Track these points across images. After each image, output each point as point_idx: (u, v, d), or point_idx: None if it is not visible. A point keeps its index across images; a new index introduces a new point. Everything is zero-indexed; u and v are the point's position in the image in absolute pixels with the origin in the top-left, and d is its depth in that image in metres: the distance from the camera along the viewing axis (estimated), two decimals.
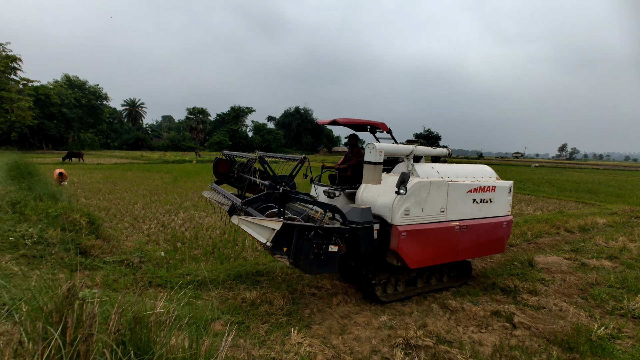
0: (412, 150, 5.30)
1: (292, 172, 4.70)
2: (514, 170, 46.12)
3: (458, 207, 5.28)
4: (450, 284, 5.80)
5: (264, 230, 4.03)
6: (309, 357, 3.54)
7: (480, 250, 5.75)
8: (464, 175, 5.55)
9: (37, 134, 44.06)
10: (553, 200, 17.36)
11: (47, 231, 4.60)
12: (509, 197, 5.94)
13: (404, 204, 4.74)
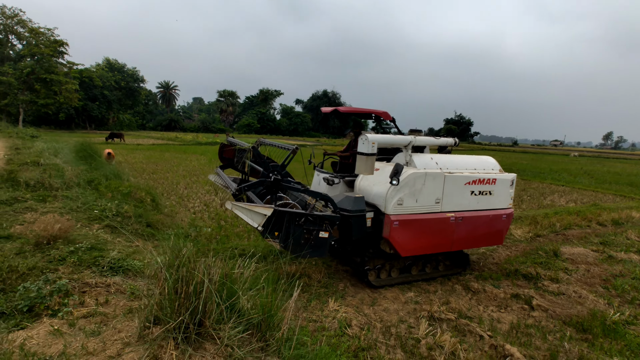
0: (411, 140, 5.29)
1: (284, 161, 5.10)
2: (549, 160, 44.29)
3: (454, 198, 5.30)
4: (445, 273, 5.94)
5: (256, 216, 4.26)
6: (345, 321, 4.13)
7: (477, 242, 5.86)
8: (464, 166, 5.54)
9: (81, 115, 46.99)
10: (589, 192, 16.90)
11: (122, 206, 5.42)
12: (510, 190, 5.90)
13: (398, 194, 4.84)
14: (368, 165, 4.76)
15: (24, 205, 4.87)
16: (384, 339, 3.95)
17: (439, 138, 5.95)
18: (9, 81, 33.13)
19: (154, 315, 2.07)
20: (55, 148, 10.68)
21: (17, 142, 14.69)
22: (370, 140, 4.75)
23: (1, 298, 2.47)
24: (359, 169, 4.89)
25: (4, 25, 35.97)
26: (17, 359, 1.86)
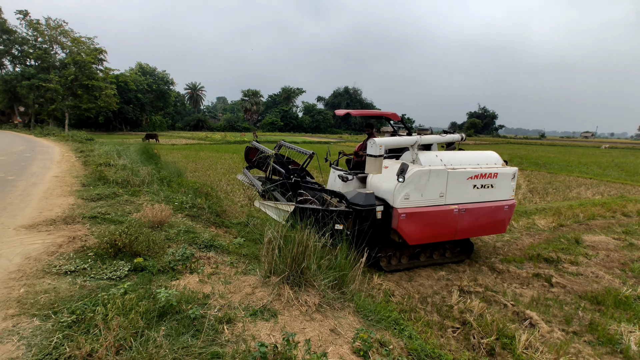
0: (417, 140, 5.76)
1: (302, 165, 5.97)
2: (579, 152, 43.11)
3: (458, 192, 5.72)
4: (452, 259, 6.46)
5: (280, 213, 5.01)
6: (389, 291, 5.01)
7: (480, 231, 6.31)
8: (467, 162, 5.98)
9: (118, 117, 49.85)
10: (618, 184, 16.88)
11: (195, 199, 6.50)
12: (512, 183, 6.27)
13: (404, 190, 5.31)
14: (377, 166, 5.35)
15: (123, 199, 6.02)
16: (422, 306, 4.80)
17: (444, 135, 6.53)
18: (56, 88, 35.81)
19: (272, 269, 3.03)
20: (118, 150, 12.07)
21: (78, 145, 16.38)
22: (377, 144, 5.26)
23: (155, 260, 3.50)
24: (369, 169, 5.41)
25: (49, 36, 38.77)
26: (187, 293, 2.84)
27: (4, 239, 3.81)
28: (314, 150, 6.06)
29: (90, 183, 7.10)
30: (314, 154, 5.92)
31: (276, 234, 3.16)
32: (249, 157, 7.91)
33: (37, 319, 2.32)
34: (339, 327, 2.68)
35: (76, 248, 3.63)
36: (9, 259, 3.28)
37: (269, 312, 2.67)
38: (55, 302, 2.53)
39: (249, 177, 7.16)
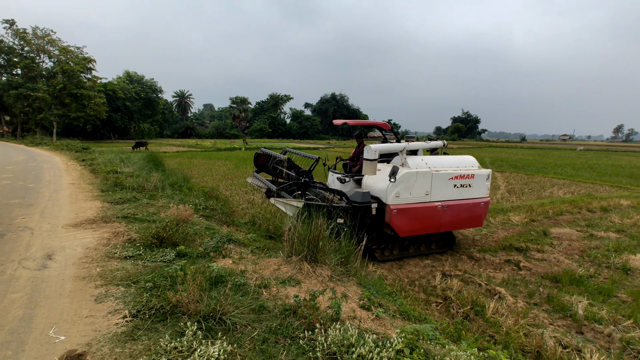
0: (405, 146, 6.59)
1: (310, 167, 6.97)
2: (556, 155, 45.16)
3: (441, 191, 6.56)
4: (437, 251, 7.29)
5: (291, 208, 5.92)
6: (383, 276, 5.85)
7: (460, 224, 7.12)
8: (449, 165, 6.85)
9: (106, 126, 49.67)
10: (588, 184, 18.23)
11: (208, 202, 7.23)
12: (487, 183, 7.16)
13: (395, 189, 6.12)
14: (372, 168, 6.23)
15: (143, 202, 6.70)
16: (410, 287, 5.65)
17: (429, 142, 7.50)
18: (44, 97, 35.73)
19: (294, 249, 3.84)
20: (121, 158, 12.64)
21: (77, 154, 16.78)
22: (373, 150, 6.14)
23: (192, 248, 4.26)
24: (365, 171, 6.24)
25: (36, 45, 38.67)
26: (228, 270, 3.61)
27: (59, 236, 4.50)
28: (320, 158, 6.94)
29: (108, 189, 7.75)
30: (320, 158, 6.81)
31: (296, 223, 3.97)
32: (258, 162, 8.73)
33: (122, 287, 3.07)
34: (348, 292, 3.50)
35: (124, 240, 4.36)
36: (73, 249, 4.00)
37: (294, 280, 3.47)
38: (130, 276, 3.27)
39: (260, 179, 7.97)
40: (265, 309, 2.83)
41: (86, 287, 3.06)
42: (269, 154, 8.52)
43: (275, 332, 2.50)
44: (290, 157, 7.95)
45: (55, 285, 3.07)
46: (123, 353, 2.16)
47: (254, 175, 8.48)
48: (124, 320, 2.52)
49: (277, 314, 2.76)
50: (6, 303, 2.74)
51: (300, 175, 6.77)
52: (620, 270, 6.51)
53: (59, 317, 2.57)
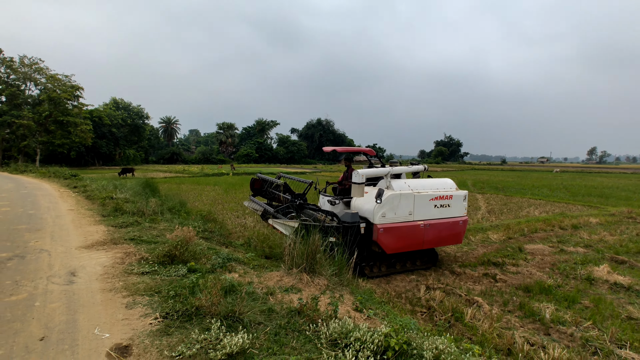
0: (389, 171, 7.26)
1: (304, 191, 7.63)
2: (534, 177, 47.20)
3: (422, 211, 7.11)
4: (422, 267, 7.79)
5: (288, 228, 6.43)
6: (372, 290, 6.34)
7: (442, 241, 7.60)
8: (429, 187, 7.45)
9: (91, 152, 49.36)
10: (562, 204, 19.35)
11: (206, 224, 7.66)
12: (464, 203, 7.75)
13: (381, 210, 6.66)
14: (360, 191, 6.86)
15: (146, 225, 7.09)
16: (397, 299, 6.15)
17: (411, 166, 8.21)
18: (29, 124, 35.61)
19: (294, 263, 4.35)
20: (114, 185, 12.93)
21: (67, 181, 16.89)
22: (360, 174, 6.80)
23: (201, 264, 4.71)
24: (354, 194, 6.95)
25: (23, 73, 38.91)
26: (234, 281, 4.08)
27: (75, 256, 4.88)
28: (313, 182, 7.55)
29: (109, 214, 8.10)
30: (313, 182, 7.41)
31: (295, 240, 4.50)
32: (254, 186, 9.25)
33: (146, 296, 3.51)
34: (342, 298, 4.02)
35: (137, 259, 4.78)
36: (92, 267, 4.40)
37: (295, 289, 3.97)
38: (151, 288, 3.71)
39: (257, 202, 8.47)
40: (273, 310, 3.32)
41: (115, 297, 3.49)
42: (265, 179, 9.09)
43: (284, 327, 2.99)
44: (285, 181, 8.54)
45: (86, 296, 3.49)
46: (162, 344, 2.61)
47: (251, 199, 8.98)
48: (156, 321, 2.97)
49: (284, 315, 3.25)
50: (49, 311, 3.14)
51: (296, 197, 7.34)
52: (585, 281, 7.19)
53: (98, 320, 3.00)
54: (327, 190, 8.89)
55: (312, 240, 4.35)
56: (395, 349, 2.53)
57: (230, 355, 2.45)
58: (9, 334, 2.72)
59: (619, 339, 4.81)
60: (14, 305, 3.21)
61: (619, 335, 4.89)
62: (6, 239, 5.65)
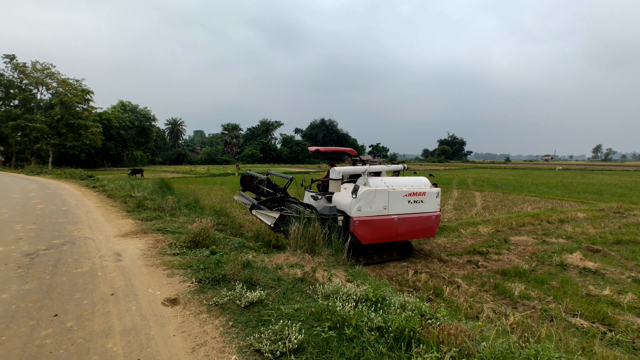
0: (367, 169, 7.86)
1: (285, 185, 8.47)
2: (535, 175, 47.77)
3: (397, 205, 7.68)
4: (397, 258, 8.40)
5: (270, 218, 7.17)
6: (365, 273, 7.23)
7: (415, 234, 8.15)
8: (404, 184, 8.01)
9: (100, 153, 50.69)
10: (556, 200, 20.08)
11: (220, 218, 8.60)
12: (437, 199, 8.31)
13: (357, 204, 7.25)
14: (337, 186, 7.57)
15: (167, 219, 8.05)
16: (389, 282, 7.04)
17: (389, 165, 8.91)
18: (42, 127, 36.90)
19: (297, 245, 5.27)
20: (132, 184, 13.95)
21: (85, 182, 17.97)
22: (337, 171, 7.59)
23: (220, 248, 5.64)
24: (331, 188, 7.61)
25: (35, 78, 40.24)
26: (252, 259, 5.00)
27: (115, 242, 5.85)
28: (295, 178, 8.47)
29: (132, 209, 9.08)
30: (293, 177, 8.32)
31: (300, 227, 5.42)
32: (244, 182, 10.13)
33: (181, 269, 4.45)
34: (337, 273, 4.93)
35: (167, 244, 5.73)
36: (132, 250, 5.35)
37: (299, 265, 4.89)
38: (184, 264, 4.66)
39: (245, 197, 9.36)
40: (281, 279, 4.24)
41: (156, 270, 4.43)
42: (253, 175, 9.98)
43: (290, 289, 3.91)
44: (271, 178, 9.40)
45: (134, 270, 4.43)
46: (200, 297, 3.55)
47: (240, 194, 9.89)
48: (192, 284, 3.91)
49: (290, 281, 4.17)
50: (110, 278, 4.09)
51: (277, 191, 8.20)
52: (558, 266, 8.04)
53: (149, 284, 3.94)
54: (312, 187, 9.79)
55: (313, 227, 5.26)
56: (372, 300, 3.44)
57: (251, 303, 3.38)
58: (87, 292, 3.67)
59: (573, 310, 5.67)
60: (82, 275, 4.17)
61: (574, 307, 5.75)
62: (53, 229, 6.63)
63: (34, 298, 3.43)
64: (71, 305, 3.32)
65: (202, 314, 3.21)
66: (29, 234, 6.15)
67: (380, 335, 2.75)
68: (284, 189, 8.30)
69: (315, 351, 2.54)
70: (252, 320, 3.06)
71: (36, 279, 3.94)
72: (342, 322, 2.91)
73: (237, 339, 2.77)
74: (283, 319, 2.97)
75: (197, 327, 2.96)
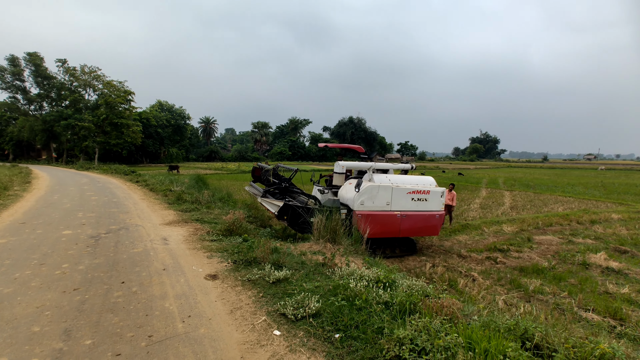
0: (372, 165, 8.12)
1: (290, 176, 8.94)
2: (574, 174, 45.51)
3: (400, 202, 7.84)
4: (401, 254, 8.48)
5: (274, 207, 7.60)
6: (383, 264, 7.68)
7: (418, 232, 8.26)
8: (409, 182, 8.15)
9: (139, 151, 53.86)
10: (591, 201, 19.35)
11: (250, 211, 9.34)
12: (441, 199, 8.38)
13: (360, 198, 7.52)
14: (340, 179, 7.97)
15: (203, 211, 8.87)
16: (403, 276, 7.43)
17: (396, 164, 9.13)
18: (89, 126, 39.90)
19: (320, 235, 5.83)
20: (170, 179, 15.11)
21: (128, 177, 19.52)
22: (341, 165, 8.02)
23: (252, 236, 6.31)
24: (335, 181, 8.04)
25: (83, 81, 43.49)
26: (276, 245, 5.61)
27: (161, 229, 6.67)
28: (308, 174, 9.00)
29: (173, 202, 10.02)
30: (298, 169, 8.85)
31: (322, 219, 5.98)
32: (255, 174, 10.78)
33: (219, 252, 5.14)
34: (355, 260, 5.44)
35: (205, 232, 6.47)
36: (176, 236, 6.13)
37: (321, 252, 5.44)
38: (220, 248, 5.34)
39: (256, 187, 10.01)
40: (305, 263, 4.81)
41: (197, 253, 5.15)
42: (262, 167, 10.61)
43: (312, 271, 4.47)
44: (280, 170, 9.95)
45: (179, 251, 5.17)
46: (235, 274, 4.19)
47: (251, 184, 10.53)
48: (228, 264, 4.57)
49: (312, 265, 4.73)
50: (160, 257, 4.84)
51: (283, 181, 8.74)
52: (581, 265, 8.07)
53: (192, 263, 4.65)
54: (320, 182, 10.29)
55: (335, 219, 5.80)
56: (383, 281, 3.93)
57: (278, 280, 3.97)
58: (144, 266, 4.42)
59: (586, 305, 5.83)
60: (138, 254, 4.95)
61: (588, 303, 5.90)
62: (109, 217, 7.60)
63: (104, 269, 4.21)
64: (133, 275, 4.06)
65: (237, 287, 3.84)
66: (90, 221, 7.12)
67: (386, 308, 3.24)
68: (289, 179, 8.74)
69: (329, 316, 3.08)
70: (278, 293, 3.65)
71: (102, 256, 4.76)
72: (353, 297, 3.43)
73: (266, 305, 3.36)
74: (304, 293, 3.53)
75: (234, 296, 3.59)
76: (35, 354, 2.39)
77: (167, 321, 2.98)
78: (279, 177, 8.94)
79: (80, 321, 2.89)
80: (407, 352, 2.33)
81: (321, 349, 2.63)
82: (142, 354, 2.45)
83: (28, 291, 3.47)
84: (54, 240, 5.52)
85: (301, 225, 7.65)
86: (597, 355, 2.35)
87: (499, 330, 2.69)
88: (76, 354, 2.41)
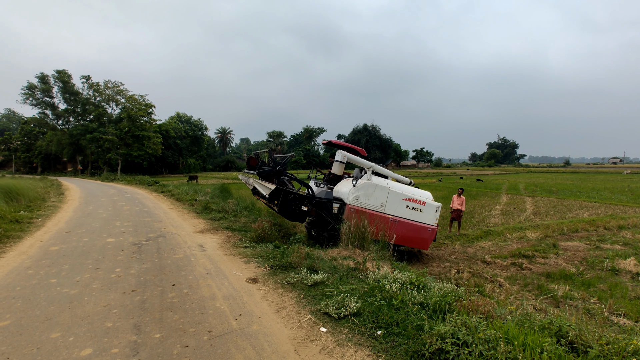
0: (372, 165, 8.03)
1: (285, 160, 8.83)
2: (599, 179, 44.21)
3: (394, 206, 7.69)
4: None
5: (266, 189, 7.47)
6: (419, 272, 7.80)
7: (407, 241, 7.96)
8: (406, 190, 8.06)
9: (159, 162, 55.45)
10: (618, 207, 18.86)
11: (276, 220, 9.65)
12: (436, 213, 8.18)
13: (355, 193, 7.42)
14: (340, 168, 7.95)
15: (231, 219, 9.23)
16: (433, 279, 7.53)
17: (396, 174, 8.97)
18: (112, 139, 41.48)
19: (349, 241, 6.05)
20: (195, 189, 15.64)
21: (153, 187, 20.24)
22: (342, 154, 8.05)
23: (282, 243, 6.58)
24: (334, 170, 7.99)
25: (107, 95, 45.41)
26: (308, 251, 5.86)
27: (195, 237, 7.03)
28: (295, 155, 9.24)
29: (201, 211, 10.44)
30: (294, 154, 9.00)
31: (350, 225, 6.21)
32: (250, 163, 10.84)
33: (254, 258, 5.42)
34: (383, 265, 5.63)
35: (237, 239, 6.79)
36: (211, 243, 6.46)
37: (350, 258, 5.66)
38: (255, 254, 5.63)
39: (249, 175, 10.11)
40: (337, 268, 5.04)
41: (234, 258, 5.45)
42: (259, 155, 10.72)
43: (345, 275, 4.69)
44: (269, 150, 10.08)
45: (217, 257, 5.49)
46: (274, 278, 4.45)
47: (245, 172, 10.65)
48: (266, 269, 4.85)
49: (344, 270, 4.95)
50: (201, 262, 5.16)
51: (276, 165, 8.81)
52: (609, 271, 7.98)
53: (232, 267, 4.94)
54: (317, 178, 10.44)
55: (362, 225, 6.02)
56: (415, 284, 4.11)
57: (316, 283, 4.21)
58: (188, 271, 4.74)
59: (617, 310, 5.82)
60: (180, 260, 5.29)
61: (619, 308, 5.88)
62: (145, 226, 8.04)
63: (153, 273, 4.56)
64: (181, 279, 4.38)
65: (278, 289, 4.10)
66: (129, 229, 7.56)
67: (422, 308, 3.43)
68: (284, 164, 8.64)
69: (369, 315, 3.30)
70: (318, 294, 3.89)
71: (149, 261, 5.11)
72: (390, 297, 3.63)
73: (309, 305, 3.61)
74: (343, 294, 3.76)
75: (277, 297, 3.85)
76: (114, 345, 2.70)
77: (222, 319, 3.26)
78: (274, 160, 8.74)
79: (145, 318, 3.20)
80: (449, 345, 2.53)
81: (366, 343, 2.85)
82: (207, 346, 2.73)
83: (92, 292, 3.82)
84: (101, 247, 5.93)
85: (292, 213, 7.61)
86: (631, 350, 2.48)
87: (534, 328, 2.84)
88: (150, 345, 2.70)
